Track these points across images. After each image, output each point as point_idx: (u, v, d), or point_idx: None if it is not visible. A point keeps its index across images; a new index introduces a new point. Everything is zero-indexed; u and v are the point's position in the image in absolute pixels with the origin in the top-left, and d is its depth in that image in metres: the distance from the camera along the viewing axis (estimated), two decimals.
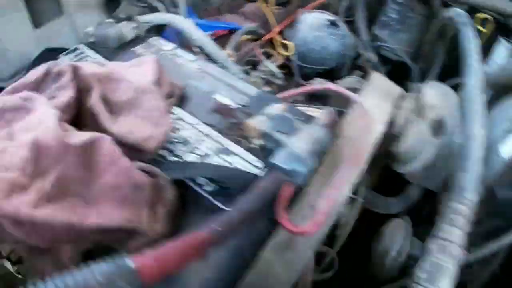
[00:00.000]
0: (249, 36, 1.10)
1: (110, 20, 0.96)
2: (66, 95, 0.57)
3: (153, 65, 0.68)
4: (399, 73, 1.32)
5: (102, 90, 0.61)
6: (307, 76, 1.14)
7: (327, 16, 1.17)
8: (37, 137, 0.46)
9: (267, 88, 1.02)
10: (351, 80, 1.07)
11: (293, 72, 1.12)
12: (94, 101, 0.58)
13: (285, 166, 0.57)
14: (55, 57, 0.86)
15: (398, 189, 1.03)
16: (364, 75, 1.23)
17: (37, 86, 0.61)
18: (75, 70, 0.59)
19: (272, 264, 0.59)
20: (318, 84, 1.07)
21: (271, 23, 1.07)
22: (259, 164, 0.61)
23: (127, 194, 0.48)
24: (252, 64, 1.06)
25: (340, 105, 1.02)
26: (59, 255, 0.51)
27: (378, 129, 0.82)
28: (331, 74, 1.17)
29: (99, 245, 0.52)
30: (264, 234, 0.60)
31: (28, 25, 0.93)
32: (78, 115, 0.59)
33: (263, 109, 0.70)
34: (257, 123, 0.63)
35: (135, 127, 0.57)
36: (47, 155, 0.46)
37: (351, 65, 1.24)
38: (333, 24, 1.15)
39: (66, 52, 0.88)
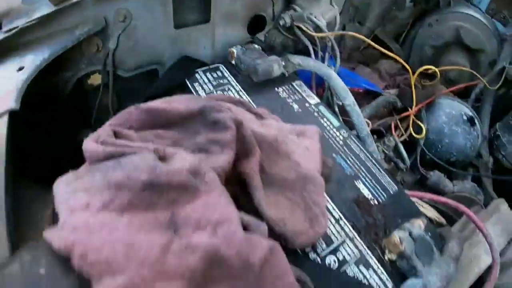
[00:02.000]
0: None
1: (256, 46, 0.92)
2: (225, 158, 0.48)
3: (319, 144, 0.64)
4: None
5: (260, 157, 0.55)
6: (423, 162, 1.10)
7: (466, 110, 1.12)
8: (216, 247, 0.37)
9: (384, 165, 1.00)
10: (469, 187, 1.02)
11: (411, 151, 1.09)
12: (253, 171, 0.52)
13: None
14: (193, 69, 0.84)
15: None
16: (477, 181, 1.18)
17: (182, 120, 0.53)
18: (238, 126, 0.52)
19: None
20: (436, 179, 1.04)
21: (414, 100, 1.04)
22: (389, 284, 0.59)
23: None
24: (377, 134, 1.03)
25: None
26: None
27: (485, 262, 0.80)
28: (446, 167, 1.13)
29: None
30: None
31: (169, 24, 0.83)
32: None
33: (398, 213, 0.69)
34: (401, 241, 0.61)
35: (288, 215, 0.53)
36: (223, 270, 0.38)
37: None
38: (470, 121, 1.10)
39: (206, 68, 0.84)
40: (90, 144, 0.45)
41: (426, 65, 1.13)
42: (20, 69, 0.62)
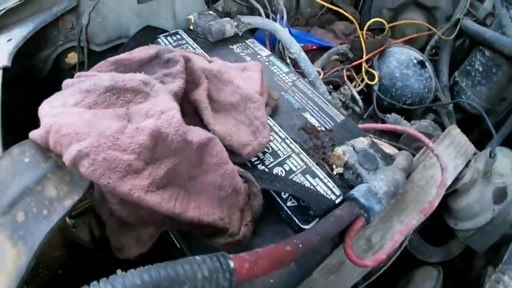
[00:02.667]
0: (337, 57, 1.13)
1: (211, 12, 1.00)
2: (176, 84, 0.58)
3: (260, 74, 0.71)
4: (470, 123, 1.34)
5: (208, 87, 0.64)
6: (383, 108, 1.16)
7: (416, 54, 1.18)
8: (159, 126, 0.48)
9: (343, 112, 1.05)
10: (426, 124, 1.08)
11: (370, 100, 1.15)
12: (201, 96, 0.61)
13: (365, 202, 0.60)
14: (154, 36, 0.92)
15: (440, 240, 1.05)
16: (437, 119, 1.24)
17: (142, 65, 0.63)
18: (187, 61, 0.62)
19: (317, 284, 0.63)
20: (393, 121, 1.10)
21: (363, 49, 1.10)
22: (337, 191, 0.64)
23: (227, 196, 0.52)
24: (333, 84, 1.09)
25: (409, 144, 1.04)
26: (142, 232, 0.54)
27: (445, 183, 0.85)
28: (406, 111, 1.19)
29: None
30: (323, 255, 0.64)
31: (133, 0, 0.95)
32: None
33: (346, 137, 0.74)
34: (344, 153, 0.66)
35: (234, 130, 0.61)
36: (166, 146, 0.48)
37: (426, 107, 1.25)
38: (421, 64, 1.17)
39: (166, 34, 0.93)
40: (67, 80, 0.56)
41: (383, 26, 1.19)
42: (9, 40, 0.74)
